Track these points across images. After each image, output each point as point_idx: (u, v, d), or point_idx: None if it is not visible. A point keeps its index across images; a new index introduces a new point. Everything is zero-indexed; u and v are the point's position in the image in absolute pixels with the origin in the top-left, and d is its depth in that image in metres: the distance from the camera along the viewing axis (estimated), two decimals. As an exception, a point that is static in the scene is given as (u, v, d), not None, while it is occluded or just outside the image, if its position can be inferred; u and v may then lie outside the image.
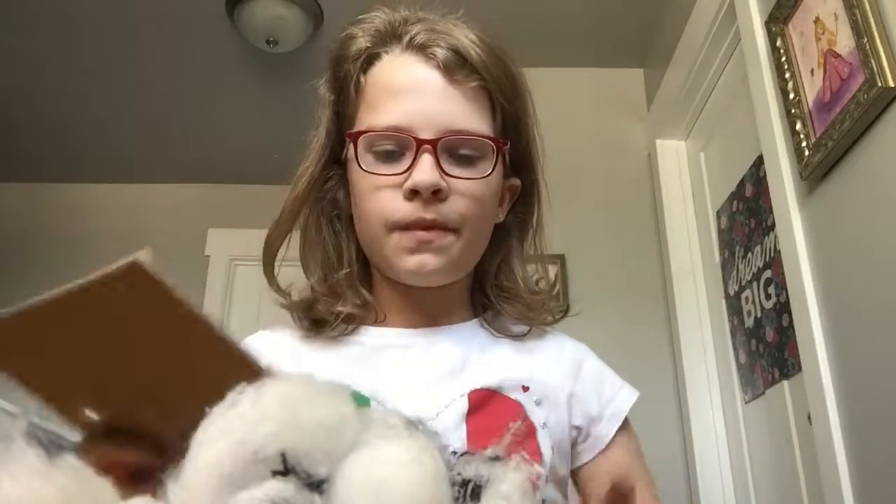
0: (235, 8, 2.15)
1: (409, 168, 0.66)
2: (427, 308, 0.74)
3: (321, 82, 0.77)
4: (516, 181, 0.77)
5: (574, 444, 0.72)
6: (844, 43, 1.17)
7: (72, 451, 0.37)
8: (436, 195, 0.66)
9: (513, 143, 0.73)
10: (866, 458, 1.11)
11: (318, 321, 0.73)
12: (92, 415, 0.45)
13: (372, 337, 0.73)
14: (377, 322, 0.74)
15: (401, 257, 0.68)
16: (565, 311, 0.78)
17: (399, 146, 0.67)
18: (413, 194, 0.66)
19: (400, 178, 0.67)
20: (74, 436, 0.46)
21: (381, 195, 0.68)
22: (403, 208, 0.66)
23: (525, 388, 0.69)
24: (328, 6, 2.15)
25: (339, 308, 0.71)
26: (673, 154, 2.18)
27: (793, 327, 1.35)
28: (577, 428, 0.72)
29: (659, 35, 2.20)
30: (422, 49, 0.69)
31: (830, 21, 1.22)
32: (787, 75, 1.35)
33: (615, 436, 0.73)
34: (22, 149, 2.91)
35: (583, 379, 0.74)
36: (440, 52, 0.68)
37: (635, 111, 2.32)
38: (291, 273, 0.77)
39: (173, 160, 3.00)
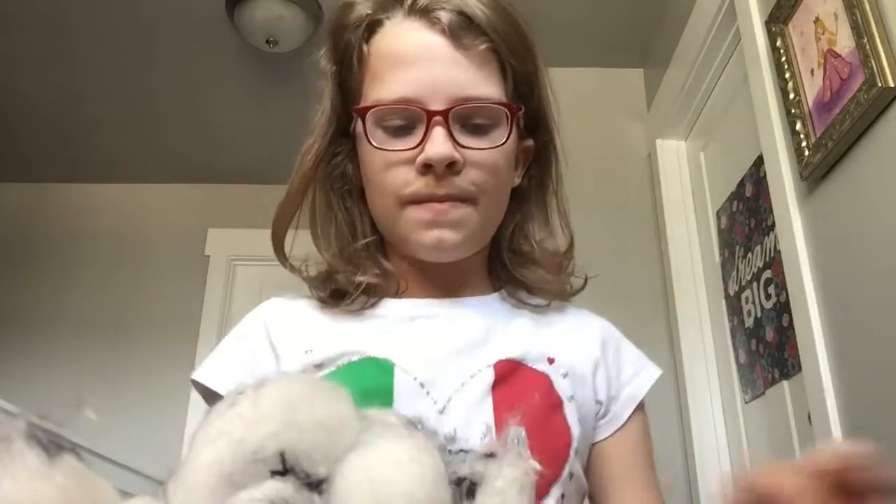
0: (235, 8, 2.15)
1: (422, 141, 0.64)
2: (445, 279, 0.72)
3: (321, 53, 0.73)
4: (530, 142, 0.74)
5: (601, 419, 0.71)
6: (844, 43, 1.17)
7: (72, 451, 0.37)
8: (450, 168, 0.64)
9: (526, 104, 0.71)
10: (866, 458, 1.11)
11: (337, 293, 0.71)
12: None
13: (394, 309, 0.71)
14: (398, 294, 0.72)
15: (417, 233, 0.66)
16: (585, 280, 0.76)
17: (409, 119, 0.65)
18: (426, 168, 0.64)
19: (413, 153, 0.64)
20: (74, 436, 0.46)
21: (394, 171, 0.65)
22: (417, 183, 0.64)
23: (551, 361, 0.68)
24: (328, 6, 2.15)
25: (360, 278, 0.69)
26: (673, 154, 2.18)
27: (793, 327, 1.35)
28: (599, 402, 0.70)
29: (659, 35, 2.20)
30: (425, 13, 0.66)
31: (830, 21, 1.22)
32: (787, 75, 1.35)
33: (630, 417, 0.71)
34: (22, 149, 2.91)
35: (606, 354, 0.73)
36: (444, 16, 0.65)
37: (635, 111, 2.32)
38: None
39: (173, 160, 3.00)
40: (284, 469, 0.34)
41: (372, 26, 0.69)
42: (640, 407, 0.73)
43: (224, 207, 3.08)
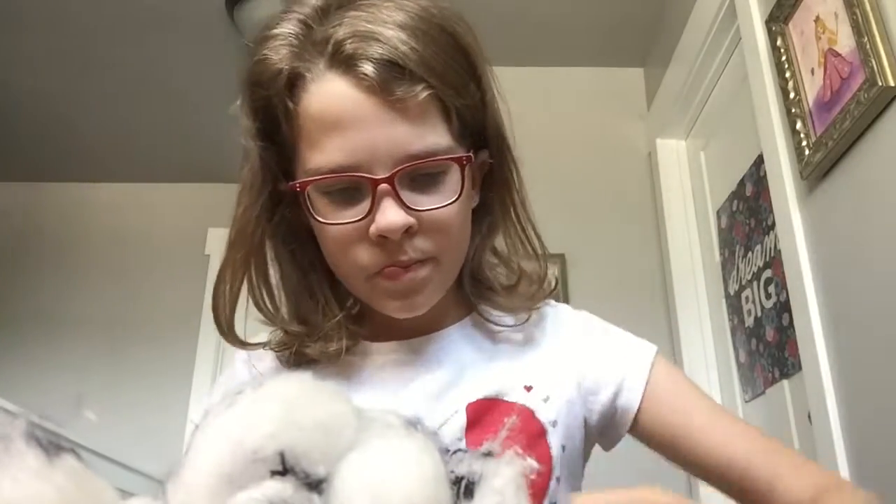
0: (235, 8, 2.15)
1: (370, 211, 0.59)
2: (417, 318, 0.69)
3: (237, 105, 0.68)
4: (484, 154, 0.69)
5: (610, 420, 0.69)
6: (845, 42, 1.17)
7: (71, 451, 0.37)
8: (406, 233, 0.60)
9: (478, 128, 0.66)
10: (866, 458, 1.11)
11: (311, 360, 0.68)
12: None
13: (367, 354, 0.70)
14: (370, 338, 0.70)
15: (386, 301, 0.64)
16: (556, 283, 0.74)
17: (353, 185, 0.60)
18: (382, 238, 0.60)
19: (364, 224, 0.60)
20: (74, 436, 0.46)
21: (349, 246, 0.62)
22: (374, 256, 0.61)
23: (528, 388, 0.66)
24: (328, 6, 2.15)
25: (334, 348, 0.67)
26: (673, 154, 2.18)
27: (793, 327, 1.35)
28: (603, 404, 0.68)
29: (659, 35, 2.20)
30: (349, 65, 0.58)
31: (831, 20, 1.22)
32: (788, 75, 1.35)
33: (648, 382, 0.68)
34: (22, 149, 2.91)
35: (590, 352, 0.70)
36: (371, 70, 0.57)
37: (635, 111, 2.32)
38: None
39: (173, 160, 3.00)
40: (284, 469, 0.34)
41: (293, 80, 0.62)
42: (654, 367, 0.69)
43: (224, 207, 3.01)
